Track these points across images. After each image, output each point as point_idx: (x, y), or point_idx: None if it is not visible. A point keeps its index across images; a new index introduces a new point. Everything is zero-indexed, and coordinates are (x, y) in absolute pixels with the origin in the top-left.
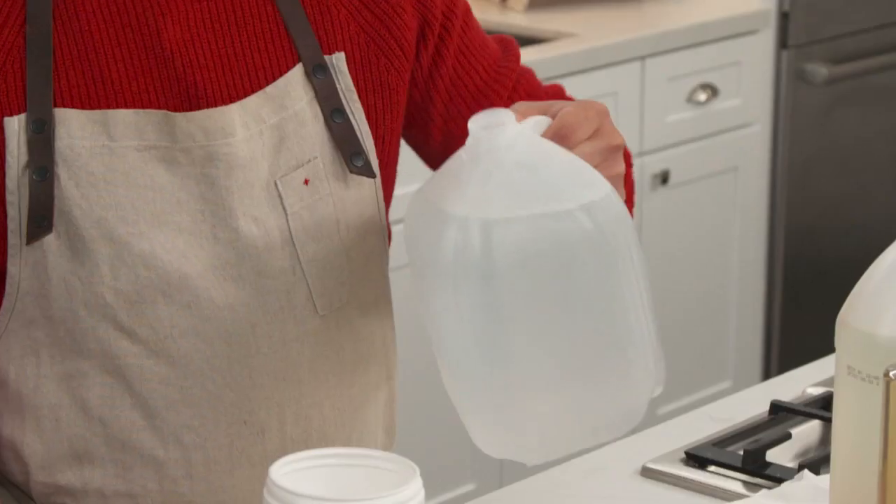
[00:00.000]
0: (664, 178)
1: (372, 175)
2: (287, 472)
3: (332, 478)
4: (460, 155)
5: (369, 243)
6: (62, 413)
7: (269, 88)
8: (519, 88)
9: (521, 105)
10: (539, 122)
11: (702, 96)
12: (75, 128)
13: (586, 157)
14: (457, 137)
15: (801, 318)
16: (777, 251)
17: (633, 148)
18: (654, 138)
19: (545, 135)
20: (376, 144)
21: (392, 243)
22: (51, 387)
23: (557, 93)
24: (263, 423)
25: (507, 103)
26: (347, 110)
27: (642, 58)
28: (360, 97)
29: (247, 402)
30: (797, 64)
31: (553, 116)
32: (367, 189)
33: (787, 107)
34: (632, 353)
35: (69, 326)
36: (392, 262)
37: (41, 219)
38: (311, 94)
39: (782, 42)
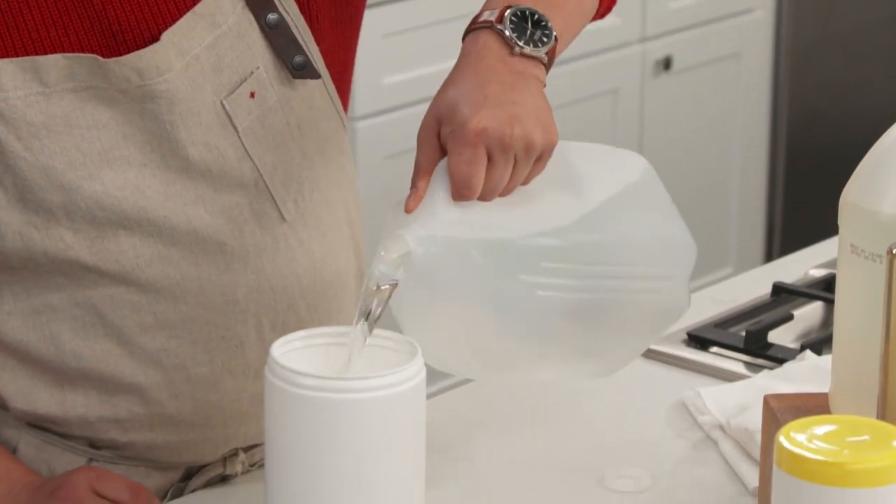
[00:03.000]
0: (667, 63)
1: (315, 76)
2: (288, 350)
3: (333, 356)
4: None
5: (322, 130)
6: (31, 348)
7: (197, 8)
8: None
9: (422, 156)
10: (442, 174)
11: None
12: (6, 79)
13: (506, 174)
14: None
15: (803, 205)
16: (779, 137)
17: (635, 34)
18: (657, 24)
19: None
20: (314, 33)
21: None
22: (16, 323)
23: None
24: (241, 335)
25: None
26: (281, 9)
27: None
28: None
29: (222, 318)
30: None
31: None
32: (313, 81)
33: None
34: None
35: (32, 270)
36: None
37: None
38: (241, 2)
39: None
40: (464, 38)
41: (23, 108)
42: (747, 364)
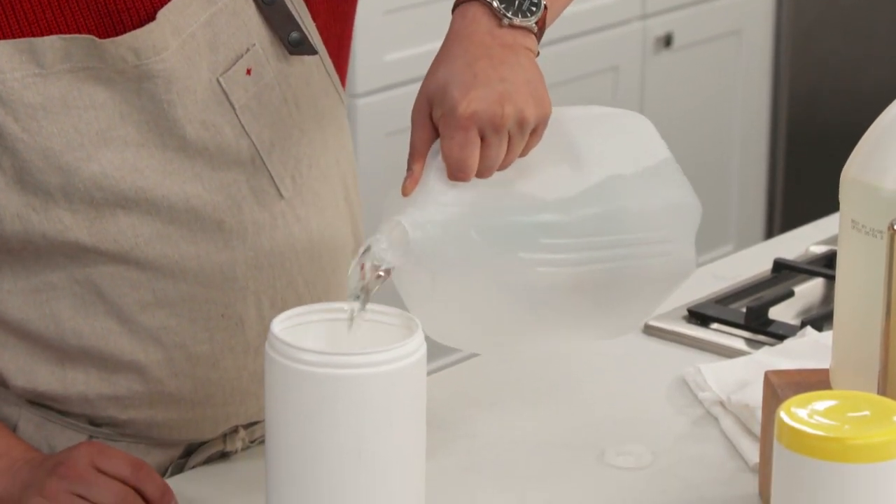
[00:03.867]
0: (667, 40)
1: (312, 52)
2: (288, 326)
3: (333, 332)
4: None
5: (320, 106)
6: (31, 326)
7: None
8: None
9: (416, 139)
10: (437, 155)
11: None
12: (3, 60)
13: (501, 152)
14: None
15: (803, 182)
16: (780, 115)
17: (635, 11)
18: (658, 1)
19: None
20: (310, 8)
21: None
22: (16, 302)
23: None
24: (241, 313)
25: None
26: None
27: None
28: None
29: (221, 296)
30: None
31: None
32: (311, 57)
33: None
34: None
35: (31, 251)
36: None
37: None
38: None
39: None
40: (453, 11)
41: (20, 89)
42: (748, 340)
